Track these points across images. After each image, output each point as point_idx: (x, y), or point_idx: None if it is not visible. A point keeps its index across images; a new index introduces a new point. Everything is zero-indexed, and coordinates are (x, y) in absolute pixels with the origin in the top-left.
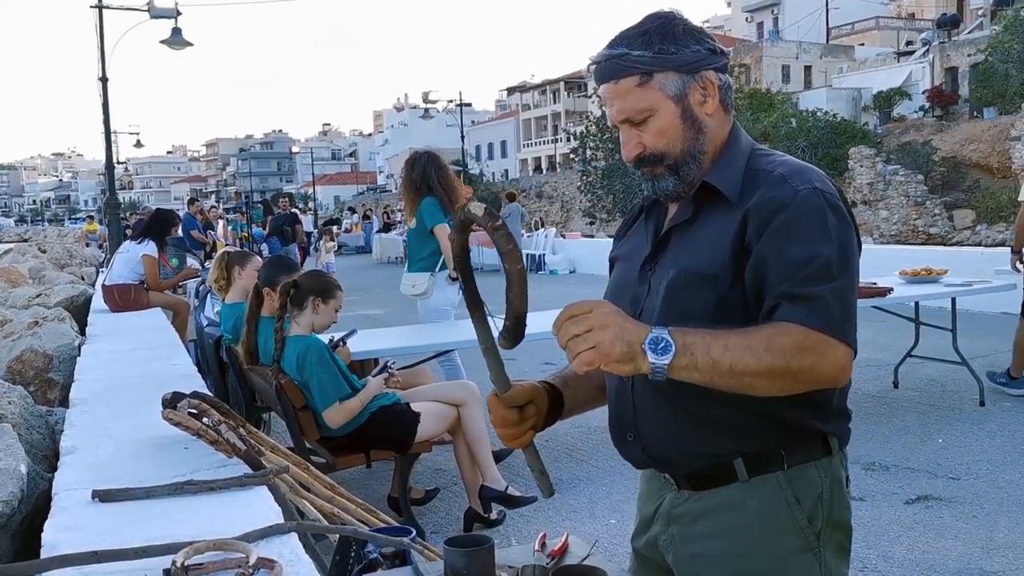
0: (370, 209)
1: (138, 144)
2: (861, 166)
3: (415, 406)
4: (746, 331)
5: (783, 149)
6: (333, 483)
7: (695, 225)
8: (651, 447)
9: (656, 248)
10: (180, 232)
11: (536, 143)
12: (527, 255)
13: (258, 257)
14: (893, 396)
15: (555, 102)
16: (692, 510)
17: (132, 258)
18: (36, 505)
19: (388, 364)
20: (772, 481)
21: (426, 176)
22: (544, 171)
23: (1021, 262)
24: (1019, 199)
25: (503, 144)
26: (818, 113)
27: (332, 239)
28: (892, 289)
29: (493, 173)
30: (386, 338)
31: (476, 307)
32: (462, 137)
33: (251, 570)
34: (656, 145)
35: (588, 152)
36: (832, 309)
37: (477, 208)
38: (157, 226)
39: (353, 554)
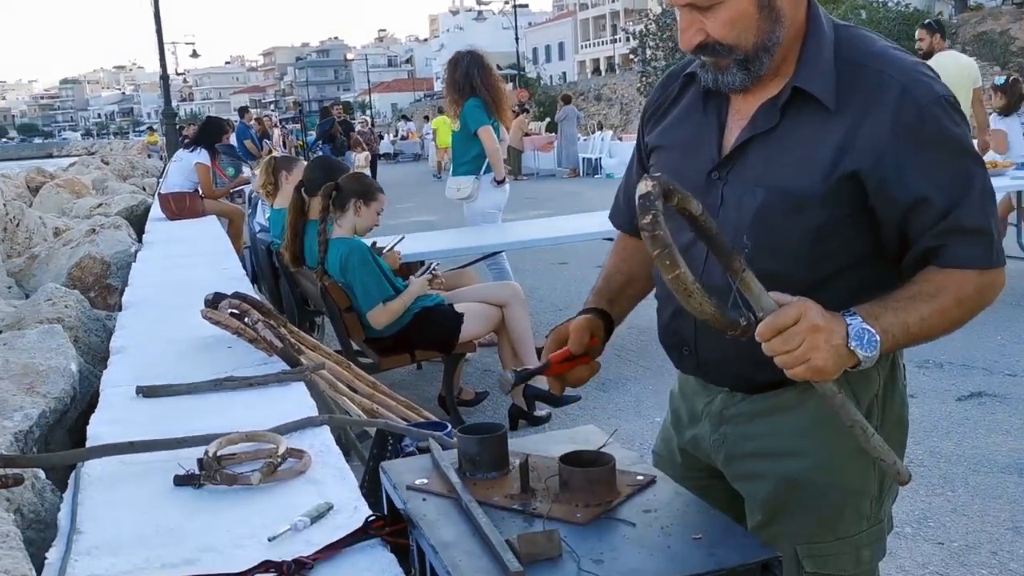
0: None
1: (194, 54)
2: None
3: (459, 307)
4: (928, 293)
5: None
6: (375, 381)
7: (778, 132)
8: (708, 365)
9: (729, 155)
10: (234, 141)
11: (594, 44)
12: (583, 159)
13: (303, 161)
14: None
15: (613, 0)
16: (746, 411)
17: (186, 167)
18: (90, 402)
19: (432, 266)
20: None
21: (469, 76)
22: (603, 73)
23: None
24: None
25: (560, 46)
26: (889, 3)
27: (364, 148)
28: None
29: (551, 76)
30: (433, 241)
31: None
32: (516, 39)
33: (279, 459)
34: (724, 36)
35: (648, 52)
36: (996, 239)
37: (696, 207)
38: (208, 134)
39: (390, 447)
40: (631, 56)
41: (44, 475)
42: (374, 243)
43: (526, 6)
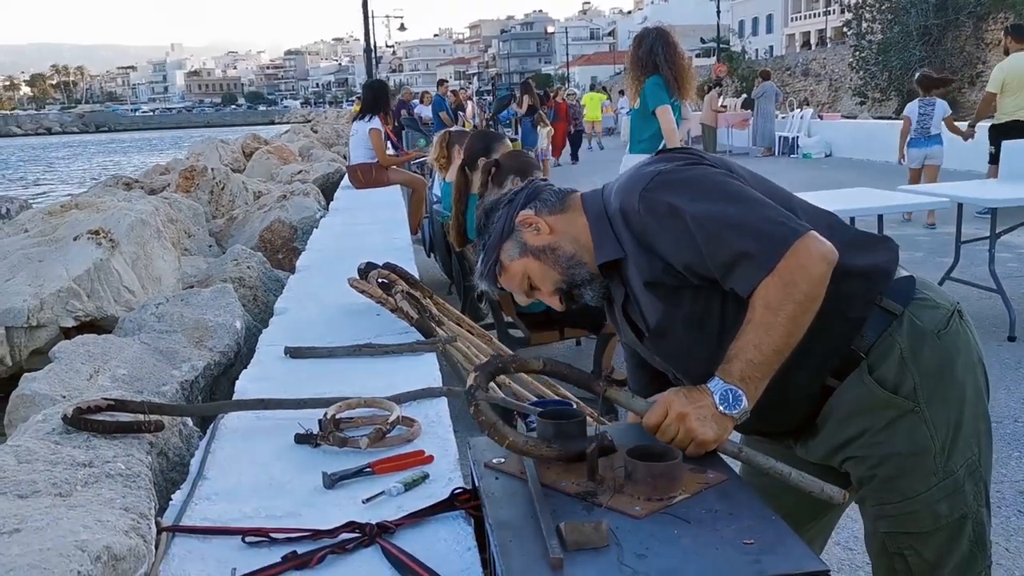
0: None
1: (401, 28)
2: None
3: None
4: (747, 320)
5: None
6: (515, 356)
7: (628, 293)
8: (753, 433)
9: (635, 328)
10: (429, 113)
11: (806, 16)
12: (779, 137)
13: None
14: None
15: None
16: (805, 440)
17: (362, 137)
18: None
19: None
20: (854, 374)
21: (653, 53)
22: (812, 47)
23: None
24: (987, 89)
25: (768, 18)
26: None
27: (545, 123)
28: None
29: (756, 50)
30: None
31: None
32: (718, 12)
33: (388, 427)
34: (549, 288)
35: (864, 24)
36: (759, 242)
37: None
38: (375, 99)
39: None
40: (844, 29)
41: (192, 423)
42: None
43: None
